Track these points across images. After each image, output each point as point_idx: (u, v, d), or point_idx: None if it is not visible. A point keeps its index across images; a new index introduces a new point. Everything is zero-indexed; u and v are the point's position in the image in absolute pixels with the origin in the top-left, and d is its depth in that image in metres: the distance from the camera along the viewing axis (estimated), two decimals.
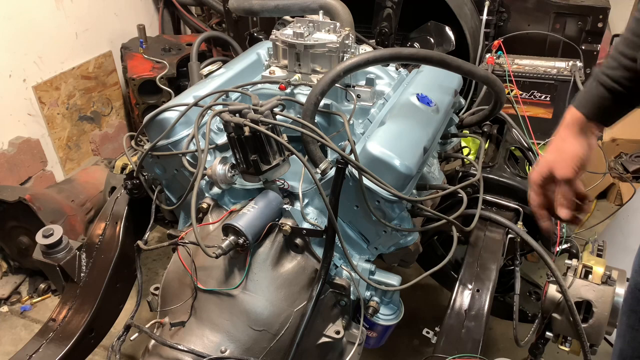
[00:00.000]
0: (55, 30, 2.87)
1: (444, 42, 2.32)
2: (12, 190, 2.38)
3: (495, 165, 1.77)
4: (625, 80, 0.97)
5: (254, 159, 1.20)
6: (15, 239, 2.43)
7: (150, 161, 1.54)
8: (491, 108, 1.67)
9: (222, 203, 1.43)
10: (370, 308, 1.38)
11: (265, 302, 1.27)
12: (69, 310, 1.59)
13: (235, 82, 1.60)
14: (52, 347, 1.50)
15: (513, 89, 2.16)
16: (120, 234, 1.67)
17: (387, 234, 1.33)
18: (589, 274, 1.33)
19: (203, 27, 3.51)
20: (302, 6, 1.84)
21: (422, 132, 1.38)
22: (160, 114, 1.47)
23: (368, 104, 1.50)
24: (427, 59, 1.36)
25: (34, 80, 2.79)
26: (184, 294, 1.33)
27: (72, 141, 3.12)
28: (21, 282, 2.56)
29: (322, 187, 1.20)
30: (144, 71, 2.94)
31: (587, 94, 1.04)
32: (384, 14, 2.24)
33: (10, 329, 2.33)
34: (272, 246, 1.30)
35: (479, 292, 1.42)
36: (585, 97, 1.05)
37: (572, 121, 1.06)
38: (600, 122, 1.05)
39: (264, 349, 1.28)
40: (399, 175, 1.23)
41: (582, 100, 1.05)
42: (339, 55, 1.48)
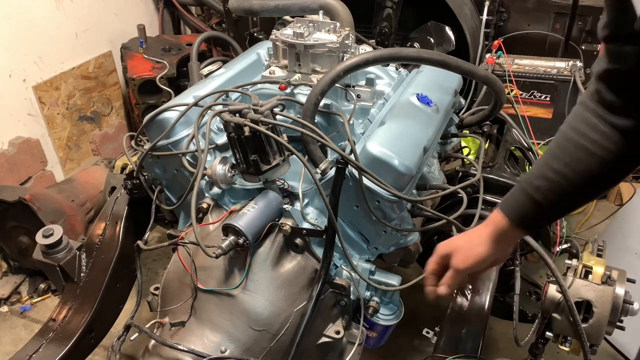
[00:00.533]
0: (55, 30, 2.87)
1: (444, 42, 2.32)
2: (12, 190, 2.38)
3: (495, 165, 1.77)
4: (549, 192, 0.93)
5: (254, 159, 1.20)
6: (15, 239, 2.43)
7: (150, 161, 1.54)
8: (491, 108, 1.67)
9: (222, 203, 1.43)
10: (370, 308, 1.38)
11: (265, 302, 1.27)
12: (69, 310, 1.59)
13: (235, 82, 1.60)
14: (52, 347, 1.50)
15: (513, 89, 2.16)
16: (120, 234, 1.67)
17: (387, 234, 1.33)
18: (589, 274, 1.33)
19: (203, 27, 3.51)
20: (302, 6, 1.84)
21: (422, 132, 1.38)
22: (160, 114, 1.47)
23: (368, 104, 1.50)
24: (427, 59, 1.36)
25: (34, 80, 2.78)
26: (184, 294, 1.33)
27: (72, 141, 3.12)
28: (21, 282, 2.55)
29: (322, 187, 1.20)
30: (144, 71, 2.94)
31: (512, 197, 1.00)
32: (384, 14, 2.24)
33: (10, 329, 2.33)
34: (272, 246, 1.30)
35: (479, 292, 1.42)
36: (510, 200, 1.00)
37: (495, 222, 1.01)
38: (523, 228, 0.99)
39: (264, 349, 1.28)
40: (399, 175, 1.23)
41: (507, 202, 1.01)
42: (339, 55, 1.48)
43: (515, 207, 0.98)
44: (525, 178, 0.98)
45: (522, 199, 0.96)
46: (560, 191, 0.92)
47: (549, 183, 0.92)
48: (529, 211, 0.96)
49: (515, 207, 0.98)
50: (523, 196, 0.96)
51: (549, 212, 0.97)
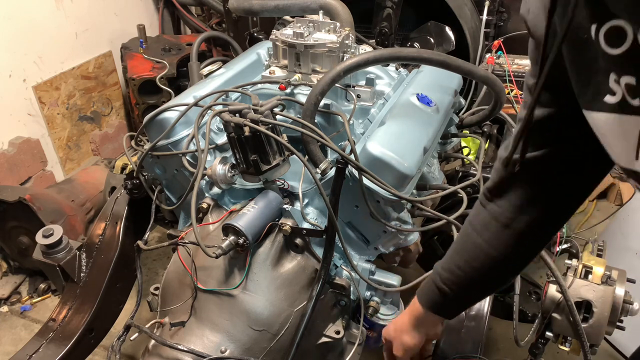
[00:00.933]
0: (55, 30, 2.87)
1: (444, 42, 2.32)
2: (12, 190, 2.38)
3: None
4: (453, 285, 0.98)
5: (254, 159, 1.20)
6: (15, 239, 2.43)
7: (150, 161, 1.54)
8: (491, 108, 1.67)
9: (222, 203, 1.43)
10: (370, 308, 1.38)
11: (265, 302, 1.27)
12: (69, 310, 1.59)
13: (235, 82, 1.60)
14: (52, 347, 1.50)
15: (513, 89, 2.16)
16: (120, 234, 1.67)
17: (387, 234, 1.33)
18: (589, 274, 1.33)
19: (203, 27, 3.51)
20: (302, 6, 1.84)
21: (422, 132, 1.38)
22: (160, 114, 1.47)
23: (368, 104, 1.50)
24: (427, 59, 1.36)
25: (34, 80, 2.78)
26: (184, 294, 1.33)
27: (72, 141, 3.12)
28: (21, 282, 2.55)
29: (322, 187, 1.20)
30: (144, 71, 2.94)
31: (425, 287, 1.05)
32: (384, 14, 2.24)
33: (10, 329, 2.33)
34: (272, 246, 1.30)
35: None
36: (423, 289, 1.05)
37: (413, 310, 1.07)
38: (438, 314, 1.04)
39: (264, 349, 1.28)
40: (398, 175, 1.23)
41: (421, 291, 1.06)
42: (339, 55, 1.48)
43: (427, 296, 1.04)
44: (436, 268, 1.03)
45: (432, 289, 1.01)
46: (463, 284, 0.97)
47: (453, 276, 0.97)
48: (438, 300, 1.01)
49: (427, 296, 1.04)
50: (433, 286, 1.01)
51: (458, 301, 1.03)
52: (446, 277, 0.98)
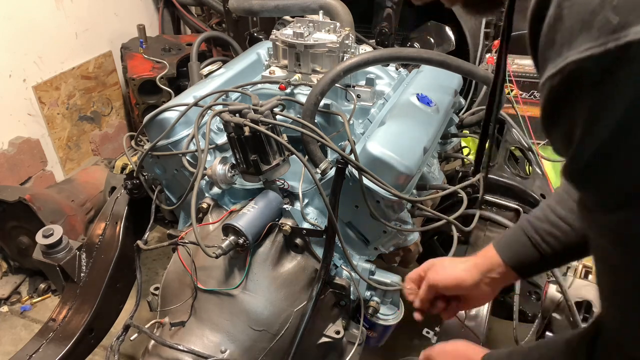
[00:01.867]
0: (55, 30, 2.87)
1: (444, 42, 2.32)
2: (12, 190, 2.38)
3: (495, 165, 1.77)
4: (548, 235, 0.89)
5: (254, 159, 1.20)
6: (15, 239, 2.43)
7: (150, 161, 1.54)
8: None
9: (222, 203, 1.43)
10: (370, 308, 1.38)
11: (265, 302, 1.27)
12: (69, 310, 1.59)
13: (235, 82, 1.60)
14: (52, 347, 1.50)
15: (513, 89, 2.16)
16: (120, 234, 1.67)
17: (387, 234, 1.33)
18: (589, 274, 1.33)
19: (203, 27, 3.51)
20: (302, 6, 1.84)
21: (422, 132, 1.38)
22: (160, 114, 1.47)
23: (368, 104, 1.50)
24: (427, 59, 1.36)
25: (34, 80, 2.79)
26: (184, 294, 1.33)
27: (72, 141, 3.12)
28: (21, 282, 2.55)
29: (322, 187, 1.20)
30: (144, 71, 2.94)
31: (511, 238, 0.95)
32: (384, 14, 2.24)
33: (10, 329, 2.33)
34: (272, 246, 1.30)
35: None
36: (508, 240, 0.96)
37: (488, 264, 0.96)
38: (518, 273, 0.95)
39: (264, 349, 1.28)
40: (399, 175, 1.23)
41: (505, 245, 0.96)
42: (339, 55, 1.48)
43: (510, 247, 0.95)
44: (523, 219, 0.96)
45: (521, 240, 0.93)
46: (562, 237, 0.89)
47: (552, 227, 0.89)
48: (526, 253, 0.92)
49: (511, 247, 0.95)
50: (523, 237, 0.92)
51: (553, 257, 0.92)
52: (542, 228, 0.89)
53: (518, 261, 0.93)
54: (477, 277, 0.96)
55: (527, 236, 0.91)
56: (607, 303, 0.61)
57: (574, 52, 0.43)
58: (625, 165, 0.45)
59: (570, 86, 0.44)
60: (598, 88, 0.42)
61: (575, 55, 0.42)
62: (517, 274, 0.95)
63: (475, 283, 0.96)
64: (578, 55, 0.42)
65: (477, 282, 0.96)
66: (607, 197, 0.49)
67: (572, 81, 0.44)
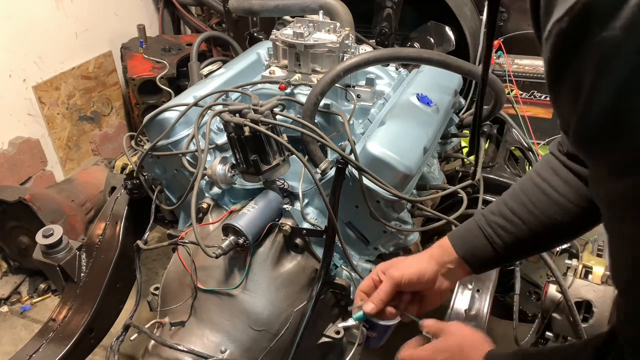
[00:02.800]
0: (55, 30, 2.87)
1: (444, 42, 2.31)
2: (12, 190, 2.38)
3: (495, 165, 1.77)
4: (501, 229, 0.88)
5: (254, 159, 1.20)
6: (15, 239, 2.43)
7: (150, 161, 1.54)
8: (491, 108, 1.67)
9: (222, 203, 1.43)
10: None
11: (265, 302, 1.27)
12: (69, 310, 1.59)
13: (235, 82, 1.60)
14: (52, 347, 1.50)
15: (513, 89, 2.16)
16: (120, 234, 1.67)
17: (387, 234, 1.33)
18: (589, 274, 1.33)
19: (203, 27, 3.51)
20: (302, 6, 1.84)
21: (422, 132, 1.38)
22: (160, 114, 1.47)
23: (368, 104, 1.50)
24: (427, 59, 1.36)
25: (34, 80, 2.78)
26: (184, 294, 1.33)
27: (72, 141, 3.12)
28: (21, 282, 2.56)
29: (322, 187, 1.20)
30: (144, 71, 2.94)
31: (464, 229, 0.94)
32: (384, 14, 2.24)
33: (10, 329, 2.33)
34: (272, 246, 1.30)
35: (479, 292, 1.42)
36: (461, 232, 0.94)
37: (443, 254, 0.94)
38: (471, 266, 0.93)
39: (264, 349, 1.28)
40: (399, 175, 1.23)
41: (458, 235, 0.95)
42: (339, 55, 1.48)
43: (464, 239, 0.94)
44: (478, 213, 0.95)
45: (474, 233, 0.92)
46: (516, 232, 0.88)
47: (505, 221, 0.89)
48: (479, 245, 0.91)
49: (465, 239, 0.94)
50: (476, 230, 0.92)
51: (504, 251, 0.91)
52: (494, 221, 0.89)
53: (471, 254, 0.93)
54: (436, 267, 0.95)
55: (480, 229, 0.91)
56: (626, 287, 0.56)
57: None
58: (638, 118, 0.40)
59: (580, 27, 0.41)
60: (609, 26, 0.38)
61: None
62: (469, 268, 0.94)
63: (435, 274, 0.95)
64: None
65: (436, 272, 0.95)
66: (618, 160, 0.45)
67: (582, 20, 0.40)
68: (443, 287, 0.97)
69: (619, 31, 0.37)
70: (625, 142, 0.42)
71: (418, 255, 0.99)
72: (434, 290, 0.97)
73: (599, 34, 0.39)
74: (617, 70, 0.39)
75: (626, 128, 0.41)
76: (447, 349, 0.88)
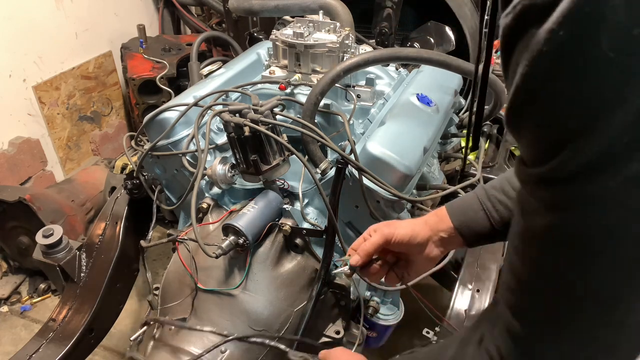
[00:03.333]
0: (55, 30, 2.87)
1: (444, 42, 2.31)
2: (12, 190, 2.38)
3: (495, 165, 1.77)
4: (500, 205, 0.88)
5: (254, 159, 1.20)
6: (15, 239, 2.43)
7: (150, 161, 1.54)
8: (491, 108, 1.67)
9: (222, 203, 1.43)
10: (370, 308, 1.38)
11: (265, 302, 1.27)
12: (69, 310, 1.59)
13: (235, 82, 1.60)
14: (52, 347, 1.50)
15: None
16: (120, 234, 1.67)
17: None
18: None
19: (203, 27, 3.51)
20: (302, 6, 1.84)
21: (422, 132, 1.38)
22: (160, 114, 1.47)
23: (368, 104, 1.50)
24: (427, 59, 1.36)
25: (34, 80, 2.78)
26: (184, 294, 1.33)
27: (72, 141, 3.12)
28: (21, 282, 2.55)
29: (322, 187, 1.20)
30: (144, 71, 2.94)
31: (464, 204, 0.93)
32: (384, 14, 2.24)
33: (10, 329, 2.33)
34: (272, 246, 1.30)
35: (479, 292, 1.42)
36: (461, 205, 0.94)
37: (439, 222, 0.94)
38: (465, 239, 0.93)
39: (264, 349, 1.28)
40: (398, 175, 1.23)
41: (457, 207, 0.94)
42: (339, 55, 1.48)
43: (461, 210, 0.93)
44: (479, 187, 0.94)
45: (472, 206, 0.92)
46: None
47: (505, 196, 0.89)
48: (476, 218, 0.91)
49: (462, 210, 0.93)
50: (476, 203, 0.92)
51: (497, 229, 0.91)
52: (495, 196, 0.89)
53: (467, 226, 0.92)
54: (428, 233, 0.94)
55: (480, 202, 0.91)
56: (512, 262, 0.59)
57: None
58: (552, 109, 0.45)
59: (520, 23, 0.45)
60: (539, 25, 0.43)
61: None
62: (462, 240, 0.94)
63: (426, 239, 0.94)
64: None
65: (428, 238, 0.94)
66: (537, 146, 0.49)
67: (522, 18, 0.45)
68: (432, 255, 0.96)
69: (545, 33, 0.42)
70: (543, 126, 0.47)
71: (412, 219, 0.99)
72: (422, 256, 0.96)
73: (534, 33, 0.44)
74: (540, 63, 0.44)
75: (544, 112, 0.46)
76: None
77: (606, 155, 0.44)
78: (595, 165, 0.44)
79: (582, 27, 0.41)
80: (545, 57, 0.43)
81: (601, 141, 0.43)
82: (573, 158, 0.45)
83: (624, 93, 0.41)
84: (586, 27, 0.41)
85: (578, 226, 0.49)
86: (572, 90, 0.43)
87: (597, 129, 0.43)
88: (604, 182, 0.45)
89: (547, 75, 0.44)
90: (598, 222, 0.47)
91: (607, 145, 0.43)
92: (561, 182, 0.47)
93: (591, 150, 0.44)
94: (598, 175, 0.45)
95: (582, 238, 0.49)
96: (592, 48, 0.41)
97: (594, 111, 0.43)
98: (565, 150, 0.45)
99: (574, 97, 0.44)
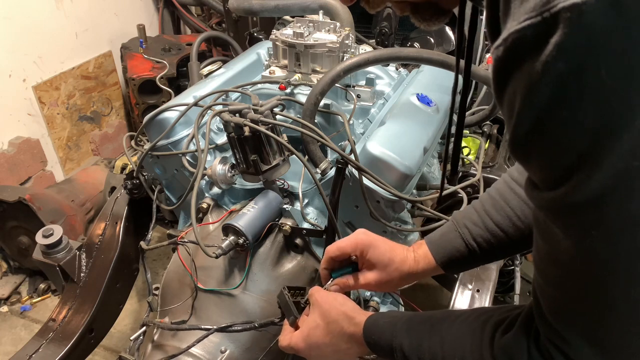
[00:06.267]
0: (55, 30, 2.87)
1: (444, 42, 2.32)
2: (12, 190, 2.38)
3: (495, 165, 1.77)
4: (484, 242, 0.88)
5: (254, 159, 1.20)
6: (15, 239, 2.43)
7: (150, 161, 1.54)
8: (491, 108, 1.67)
9: (222, 203, 1.43)
10: (370, 308, 1.37)
11: (266, 302, 1.27)
12: (69, 310, 1.59)
13: (235, 82, 1.60)
14: (52, 347, 1.50)
15: None
16: (120, 234, 1.67)
17: (387, 234, 1.33)
18: None
19: (203, 27, 3.51)
20: (302, 6, 1.84)
21: (422, 132, 1.38)
22: (160, 114, 1.47)
23: (368, 104, 1.50)
24: (427, 59, 1.36)
25: (34, 80, 2.78)
26: (184, 294, 1.33)
27: (72, 141, 3.12)
28: (21, 282, 2.56)
29: (322, 187, 1.20)
30: (144, 71, 2.94)
31: (444, 239, 0.94)
32: (384, 14, 2.24)
33: (10, 329, 2.33)
34: (272, 246, 1.30)
35: (479, 292, 1.42)
36: (441, 242, 0.94)
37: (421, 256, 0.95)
38: (446, 270, 0.94)
39: (264, 349, 1.28)
40: (399, 175, 1.23)
41: (438, 243, 0.94)
42: (339, 55, 1.48)
43: (445, 248, 0.94)
44: (458, 220, 0.94)
45: (456, 246, 0.92)
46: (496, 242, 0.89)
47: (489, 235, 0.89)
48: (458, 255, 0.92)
49: (445, 248, 0.94)
50: (460, 243, 0.92)
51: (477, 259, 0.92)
52: (480, 235, 0.89)
53: (450, 261, 0.93)
54: (407, 253, 0.96)
55: (464, 241, 0.91)
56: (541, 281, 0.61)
57: (515, 23, 0.45)
58: (559, 136, 0.45)
59: (512, 55, 0.46)
60: (535, 56, 0.44)
61: (516, 26, 0.44)
62: (443, 270, 0.95)
63: (404, 258, 0.95)
64: (518, 26, 0.44)
65: (405, 256, 0.95)
66: (547, 172, 0.49)
67: (513, 50, 0.46)
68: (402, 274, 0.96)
69: (541, 65, 0.43)
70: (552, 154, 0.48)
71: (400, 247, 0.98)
72: (392, 269, 0.96)
73: (530, 64, 0.44)
74: (539, 95, 0.45)
75: (551, 142, 0.47)
76: (318, 324, 0.89)
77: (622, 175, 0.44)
78: (611, 188, 0.45)
79: (578, 57, 0.41)
80: (546, 87, 0.44)
81: (614, 163, 0.44)
82: (587, 181, 0.45)
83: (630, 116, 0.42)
84: (582, 58, 0.41)
85: (602, 249, 0.49)
86: (576, 118, 0.44)
87: (608, 150, 0.43)
88: (619, 205, 0.46)
89: (550, 105, 0.45)
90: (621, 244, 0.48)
91: (624, 168, 0.44)
92: (579, 206, 0.47)
93: (606, 173, 0.44)
94: (614, 197, 0.45)
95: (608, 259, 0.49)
96: (592, 77, 0.41)
97: (603, 135, 0.43)
98: (580, 173, 0.45)
99: (580, 124, 0.44)
